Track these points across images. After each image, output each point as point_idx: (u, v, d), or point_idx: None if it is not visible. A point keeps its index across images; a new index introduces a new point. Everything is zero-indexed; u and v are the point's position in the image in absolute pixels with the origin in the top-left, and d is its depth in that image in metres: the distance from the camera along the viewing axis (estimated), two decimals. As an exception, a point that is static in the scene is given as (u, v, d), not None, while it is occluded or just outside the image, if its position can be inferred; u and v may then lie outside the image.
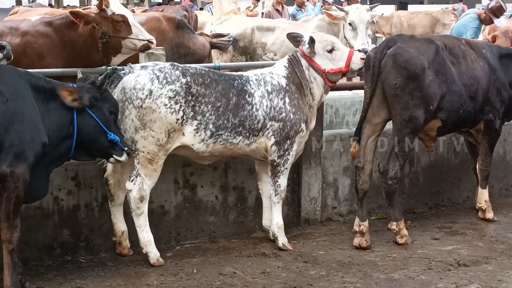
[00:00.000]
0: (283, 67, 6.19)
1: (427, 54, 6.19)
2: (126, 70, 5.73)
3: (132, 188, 5.64)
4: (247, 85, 5.92)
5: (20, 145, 4.79)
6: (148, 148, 5.59)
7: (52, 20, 6.95)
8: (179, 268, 5.74)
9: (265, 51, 10.09)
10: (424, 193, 7.36)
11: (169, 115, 5.54)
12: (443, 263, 5.85)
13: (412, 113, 6.08)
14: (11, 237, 4.89)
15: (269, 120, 5.92)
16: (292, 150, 6.07)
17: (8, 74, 4.94)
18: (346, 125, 8.68)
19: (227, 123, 5.75)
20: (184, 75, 5.65)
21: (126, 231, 5.92)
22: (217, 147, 5.79)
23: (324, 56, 6.17)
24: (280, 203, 6.17)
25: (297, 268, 5.75)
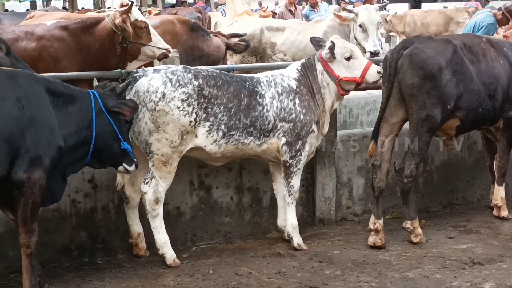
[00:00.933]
0: (295, 69, 6.24)
1: (444, 54, 6.22)
2: (139, 73, 5.80)
3: (147, 191, 5.70)
4: (258, 86, 5.98)
5: (36, 150, 4.83)
6: (162, 151, 5.65)
7: (67, 24, 7.02)
8: (195, 268, 5.79)
9: (274, 51, 10.11)
10: (439, 192, 7.37)
11: (182, 117, 5.60)
12: (458, 261, 5.87)
13: (428, 112, 6.12)
14: (29, 241, 4.95)
15: (279, 121, 5.97)
16: (304, 151, 6.11)
17: (24, 79, 4.98)
18: (360, 125, 8.71)
19: (238, 123, 5.81)
20: (196, 77, 5.71)
21: (142, 233, 5.98)
22: (229, 148, 5.84)
23: (341, 63, 6.18)
24: (294, 204, 6.21)
25: (312, 268, 5.79)
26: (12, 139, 4.73)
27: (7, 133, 4.71)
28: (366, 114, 8.91)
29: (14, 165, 4.78)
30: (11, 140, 4.73)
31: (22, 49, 6.88)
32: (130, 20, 6.74)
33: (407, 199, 6.33)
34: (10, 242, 5.71)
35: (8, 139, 4.71)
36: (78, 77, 6.63)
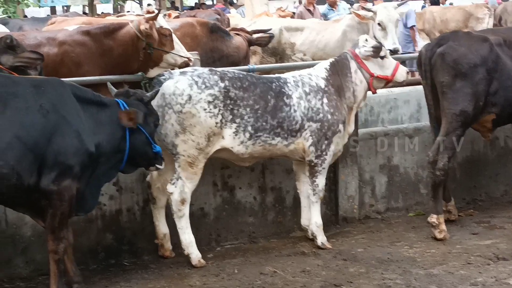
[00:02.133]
0: (323, 69, 6.28)
1: (478, 53, 6.31)
2: (165, 76, 5.85)
3: (173, 191, 5.76)
4: (284, 87, 6.01)
5: (65, 159, 4.84)
6: (188, 152, 5.70)
7: (89, 29, 7.08)
8: (220, 268, 5.83)
9: (294, 51, 10.11)
10: (462, 188, 7.36)
11: (208, 119, 5.65)
12: (482, 257, 5.87)
13: (460, 109, 6.25)
14: (57, 248, 5.00)
15: (307, 121, 6.00)
16: (330, 150, 6.14)
17: (50, 86, 5.01)
18: (381, 123, 8.70)
19: (265, 124, 5.84)
20: (222, 79, 5.76)
21: (168, 234, 6.04)
22: (256, 149, 5.88)
23: (376, 61, 6.31)
24: (319, 203, 6.24)
25: (337, 266, 5.82)
26: (37, 148, 4.74)
27: (31, 143, 4.72)
28: (387, 112, 8.90)
29: (42, 174, 4.79)
30: (36, 149, 4.74)
31: (45, 54, 6.87)
32: (155, 27, 6.79)
33: (436, 193, 6.40)
34: (37, 245, 5.80)
35: (33, 148, 4.72)
36: (100, 81, 6.69)
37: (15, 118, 4.70)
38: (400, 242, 6.34)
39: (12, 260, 5.79)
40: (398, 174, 7.14)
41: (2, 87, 4.77)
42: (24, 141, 4.69)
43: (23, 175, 4.70)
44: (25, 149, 4.69)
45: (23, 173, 4.70)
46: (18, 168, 4.67)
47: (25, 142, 4.70)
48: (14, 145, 4.65)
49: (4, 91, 4.75)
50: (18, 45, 5.99)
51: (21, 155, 4.68)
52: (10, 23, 16.82)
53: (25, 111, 4.76)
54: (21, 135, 4.68)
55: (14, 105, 4.72)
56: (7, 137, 4.63)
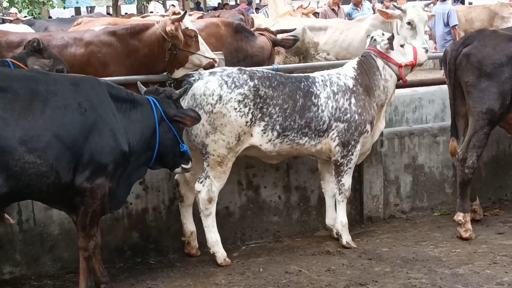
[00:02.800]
0: (351, 68, 6.30)
1: (504, 52, 6.32)
2: (195, 77, 5.89)
3: (201, 190, 5.80)
4: (313, 87, 6.02)
5: (100, 157, 4.89)
6: (218, 151, 5.74)
7: (116, 29, 7.14)
8: (245, 267, 5.86)
9: (317, 50, 10.11)
10: (487, 187, 7.33)
11: (239, 118, 5.69)
12: (508, 257, 5.85)
13: (486, 107, 6.28)
14: (87, 245, 5.06)
15: (334, 121, 6.01)
16: (356, 151, 6.14)
17: (88, 84, 5.07)
18: (405, 122, 8.69)
19: (293, 124, 5.86)
20: (251, 78, 5.78)
21: (195, 232, 6.09)
22: (284, 147, 5.91)
23: (398, 51, 6.34)
24: (345, 202, 6.25)
25: (362, 265, 5.82)
26: (75, 146, 4.80)
27: (69, 141, 4.78)
28: (412, 112, 8.88)
29: (77, 172, 4.85)
30: (74, 147, 4.80)
31: (71, 55, 7.03)
32: (181, 28, 6.83)
33: (464, 191, 6.44)
34: (65, 243, 5.87)
35: (71, 146, 4.78)
36: (126, 81, 6.75)
37: (54, 117, 4.75)
38: (425, 242, 6.33)
39: (40, 258, 5.86)
40: (423, 173, 7.13)
41: (42, 85, 4.82)
42: (63, 140, 4.75)
43: (61, 173, 4.76)
44: (64, 148, 4.75)
45: (61, 171, 4.76)
46: (57, 166, 4.73)
47: (64, 141, 4.75)
48: (53, 144, 4.70)
49: (44, 89, 4.81)
50: (45, 48, 6.08)
51: (60, 153, 4.73)
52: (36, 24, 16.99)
53: (64, 109, 4.81)
54: (61, 134, 4.74)
55: (53, 104, 4.78)
56: (47, 136, 4.68)
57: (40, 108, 4.71)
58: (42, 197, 4.92)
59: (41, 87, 4.80)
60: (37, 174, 4.66)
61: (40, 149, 4.65)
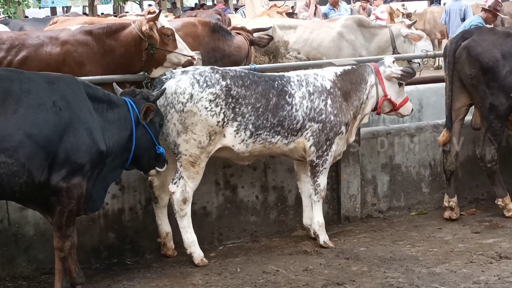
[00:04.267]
0: (333, 72, 6.26)
1: (502, 47, 6.51)
2: (167, 76, 5.85)
3: (175, 190, 5.76)
4: (287, 86, 5.99)
5: (76, 157, 4.86)
6: (190, 151, 5.71)
7: (92, 29, 7.08)
8: (223, 267, 5.84)
9: (287, 49, 10.10)
10: (464, 187, 7.35)
11: (210, 117, 5.65)
12: (485, 256, 5.88)
13: (492, 101, 6.52)
14: (63, 246, 5.02)
15: (308, 120, 5.99)
16: (331, 151, 6.14)
17: (64, 82, 5.03)
18: (383, 122, 8.69)
19: (266, 123, 5.84)
20: (224, 78, 5.75)
21: (170, 233, 6.05)
22: (256, 147, 5.88)
23: (394, 85, 6.34)
24: (321, 202, 6.24)
25: (339, 265, 5.82)
26: (48, 145, 4.76)
27: (43, 141, 4.74)
28: (389, 111, 8.90)
29: (53, 172, 4.81)
30: (48, 147, 4.76)
31: (47, 54, 6.97)
32: (157, 27, 6.79)
33: (494, 180, 6.80)
34: (40, 244, 5.81)
35: (45, 146, 4.74)
36: (101, 80, 6.70)
37: (27, 116, 4.71)
38: (403, 241, 6.35)
39: (14, 259, 5.80)
40: (400, 173, 7.15)
41: (16, 83, 4.78)
42: (36, 139, 4.71)
43: (34, 173, 4.72)
44: (36, 147, 4.71)
45: (34, 171, 4.72)
46: (29, 166, 4.69)
47: (37, 140, 4.71)
48: (25, 143, 4.66)
49: (17, 88, 4.76)
50: None
51: (33, 153, 4.69)
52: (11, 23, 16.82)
53: (38, 108, 4.77)
54: (33, 133, 4.70)
55: (27, 102, 4.74)
56: (19, 135, 4.64)
57: (13, 107, 4.66)
58: (15, 197, 4.88)
59: (15, 86, 4.75)
60: (8, 174, 4.62)
61: (11, 148, 4.60)
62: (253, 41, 8.81)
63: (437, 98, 8.90)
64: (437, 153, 7.23)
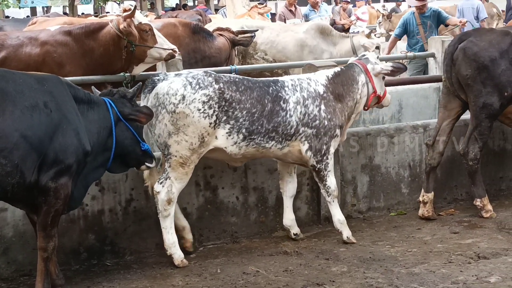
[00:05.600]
0: (325, 76, 6.27)
1: (500, 46, 6.61)
2: (160, 77, 5.86)
3: (160, 190, 5.77)
4: (282, 91, 6.01)
5: (64, 157, 4.89)
6: (181, 153, 5.71)
7: (71, 29, 7.08)
8: (203, 268, 5.84)
9: (256, 50, 10.13)
10: (443, 187, 7.38)
11: (202, 119, 5.66)
12: (463, 256, 5.91)
13: (485, 100, 6.58)
14: (47, 246, 5.01)
15: (302, 126, 6.02)
16: (330, 153, 6.18)
17: (51, 83, 5.05)
18: (362, 123, 8.73)
19: (261, 128, 5.87)
20: (217, 81, 5.77)
21: (187, 226, 6.10)
22: (249, 150, 5.91)
23: (380, 80, 6.40)
24: (336, 201, 6.31)
25: (319, 265, 5.84)
26: (40, 147, 4.79)
27: (36, 142, 4.77)
28: (369, 112, 8.91)
29: (41, 172, 4.83)
30: (40, 148, 4.79)
31: (27, 54, 6.96)
32: (134, 24, 6.78)
33: (474, 180, 6.85)
34: (19, 245, 5.78)
35: (37, 147, 4.77)
36: (81, 81, 6.70)
37: (23, 117, 4.73)
38: (382, 242, 6.37)
39: (-7, 261, 5.77)
40: (379, 174, 7.18)
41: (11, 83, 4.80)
42: (29, 140, 4.73)
43: (25, 173, 4.75)
44: (30, 148, 4.74)
45: (26, 171, 4.75)
46: (22, 167, 4.71)
47: (31, 142, 4.74)
48: (20, 144, 4.69)
49: (13, 89, 4.78)
50: None
51: (26, 154, 4.72)
52: (-10, 23, 16.71)
53: (32, 110, 4.79)
54: (28, 134, 4.73)
55: (22, 103, 4.76)
56: (15, 137, 4.67)
57: (10, 108, 4.69)
58: (6, 197, 4.88)
59: (10, 87, 4.77)
60: (2, 174, 4.65)
61: (7, 149, 4.63)
62: (235, 41, 8.81)
63: (417, 99, 8.99)
64: (416, 154, 7.28)
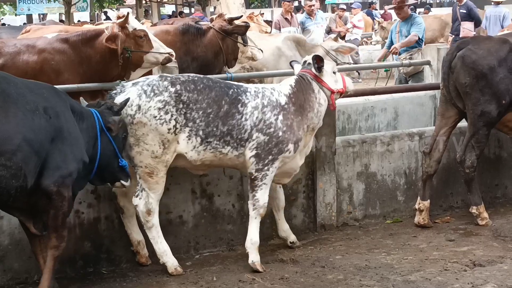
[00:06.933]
0: (288, 85, 6.10)
1: (498, 54, 6.62)
2: (118, 90, 5.78)
3: (138, 203, 5.73)
4: (242, 95, 5.87)
5: (65, 165, 4.94)
6: (145, 162, 5.66)
7: (68, 37, 7.09)
8: (199, 276, 5.83)
9: None
10: (439, 195, 7.40)
11: (160, 126, 5.60)
12: (459, 264, 5.93)
13: (483, 108, 6.58)
14: (59, 245, 5.10)
15: (256, 131, 5.82)
16: (273, 167, 5.89)
17: (49, 92, 5.09)
18: (358, 130, 8.76)
19: (216, 130, 5.73)
20: (173, 84, 5.68)
21: (142, 241, 6.03)
22: (208, 155, 5.77)
23: (331, 77, 6.18)
24: (258, 219, 5.98)
25: (315, 273, 5.84)
26: (41, 151, 4.82)
27: (37, 146, 4.80)
28: (364, 120, 8.96)
29: (43, 176, 4.87)
30: (41, 152, 4.82)
31: (24, 62, 6.96)
32: (128, 31, 6.80)
33: (471, 187, 6.86)
34: (15, 254, 5.77)
35: (38, 151, 4.80)
36: (78, 89, 6.71)
37: (25, 120, 4.76)
38: (378, 249, 6.38)
39: (-11, 269, 5.76)
40: (375, 181, 7.20)
41: (12, 86, 4.83)
42: (31, 143, 4.76)
43: (28, 177, 4.78)
44: (32, 151, 4.76)
45: (28, 175, 4.78)
46: (25, 170, 4.74)
47: (32, 145, 4.77)
48: (23, 147, 4.72)
49: (14, 91, 4.81)
50: None
51: (28, 157, 4.75)
52: (-13, 31, 16.70)
53: (33, 113, 4.82)
54: (30, 137, 4.76)
55: (24, 106, 4.79)
56: (18, 139, 4.70)
57: (13, 110, 4.73)
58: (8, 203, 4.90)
59: (12, 89, 4.81)
60: (6, 177, 4.67)
61: (11, 151, 4.66)
62: (228, 31, 8.49)
63: (412, 106, 9.02)
64: (412, 162, 7.30)
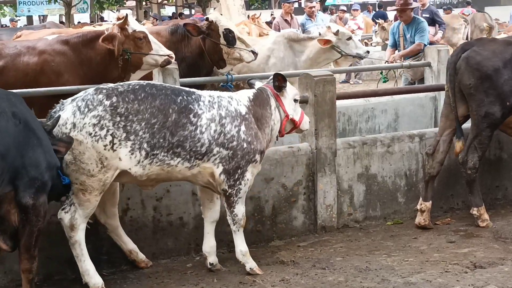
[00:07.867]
0: (246, 96, 5.85)
1: (503, 55, 6.64)
2: (57, 108, 5.45)
3: (63, 217, 5.42)
4: (194, 104, 5.53)
5: (40, 174, 4.78)
6: (79, 180, 5.32)
7: (68, 38, 7.10)
8: (199, 278, 5.83)
9: None
10: (439, 197, 7.40)
11: (95, 143, 5.24)
12: (460, 265, 5.92)
13: (487, 110, 6.59)
14: (31, 267, 4.95)
15: (216, 145, 5.55)
16: (245, 180, 5.72)
17: (16, 98, 4.94)
18: (359, 132, 8.76)
19: (163, 142, 5.37)
20: (108, 97, 5.31)
21: (134, 248, 5.94)
22: (154, 169, 5.42)
23: (291, 103, 5.95)
24: (241, 231, 5.87)
25: (316, 275, 5.84)
26: (8, 156, 4.63)
27: (2, 149, 4.59)
28: (365, 122, 8.97)
29: (18, 188, 4.72)
30: (7, 157, 4.62)
31: (24, 63, 6.97)
32: (127, 32, 6.81)
33: (472, 189, 6.86)
34: (14, 256, 5.71)
35: (4, 155, 4.60)
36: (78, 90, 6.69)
37: None
38: (379, 251, 6.38)
39: (-11, 271, 5.76)
40: (376, 183, 7.19)
41: None
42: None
43: None
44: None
45: None
46: None
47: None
48: None
49: None
50: None
51: None
52: (-14, 33, 16.75)
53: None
54: None
55: None
56: None
57: None
58: None
59: None
60: None
61: None
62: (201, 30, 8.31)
63: (413, 108, 9.04)
64: (413, 163, 7.30)
